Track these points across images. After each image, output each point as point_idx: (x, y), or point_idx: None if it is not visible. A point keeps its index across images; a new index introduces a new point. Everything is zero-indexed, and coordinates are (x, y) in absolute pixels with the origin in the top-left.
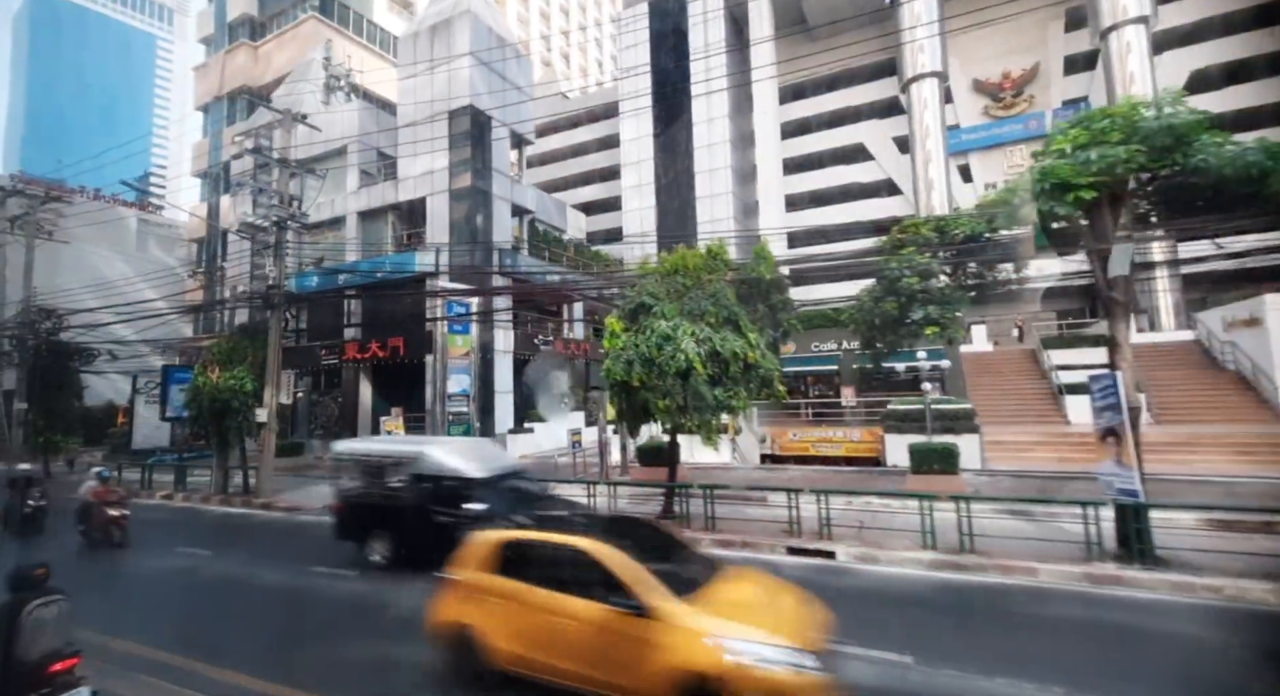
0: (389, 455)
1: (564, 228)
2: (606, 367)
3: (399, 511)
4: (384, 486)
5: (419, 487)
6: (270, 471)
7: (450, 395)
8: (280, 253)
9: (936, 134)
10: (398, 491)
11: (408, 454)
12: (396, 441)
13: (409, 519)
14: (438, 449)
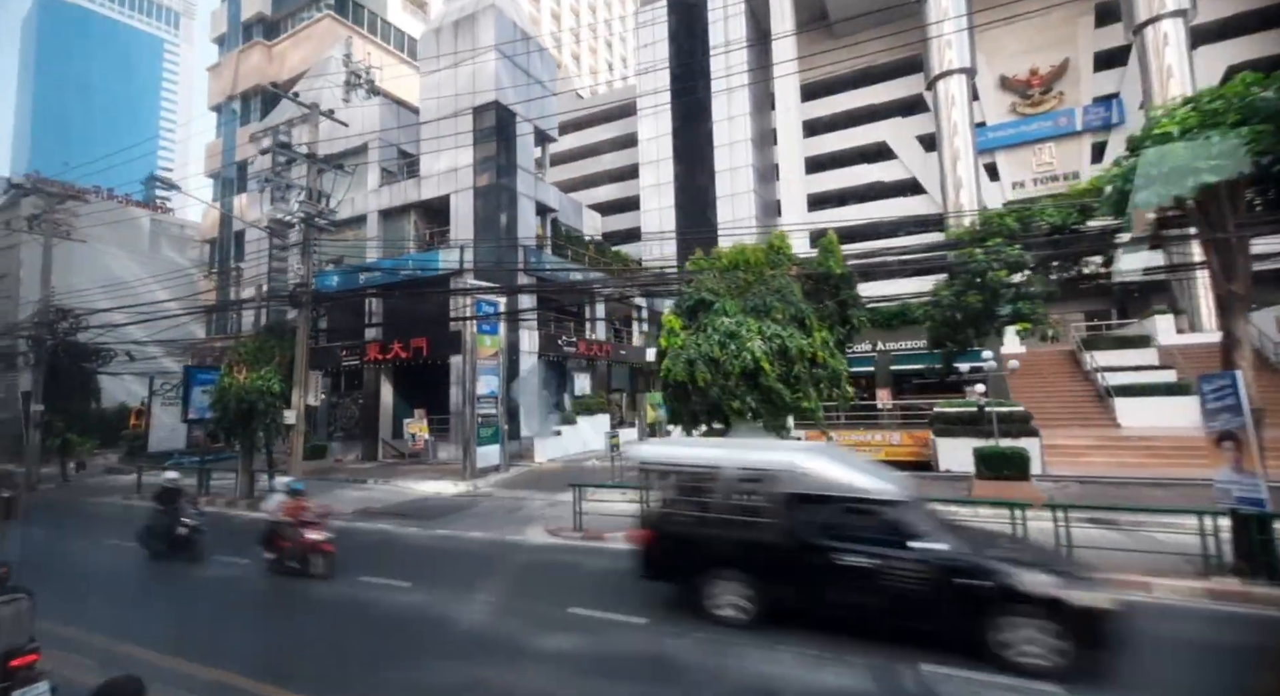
0: (738, 466)
1: (580, 227)
2: (666, 367)
3: (768, 547)
4: (733, 509)
5: (803, 513)
6: (299, 474)
7: (479, 397)
8: (308, 250)
9: (965, 131)
10: (762, 518)
11: (770, 465)
12: (736, 447)
13: (788, 557)
14: (812, 458)
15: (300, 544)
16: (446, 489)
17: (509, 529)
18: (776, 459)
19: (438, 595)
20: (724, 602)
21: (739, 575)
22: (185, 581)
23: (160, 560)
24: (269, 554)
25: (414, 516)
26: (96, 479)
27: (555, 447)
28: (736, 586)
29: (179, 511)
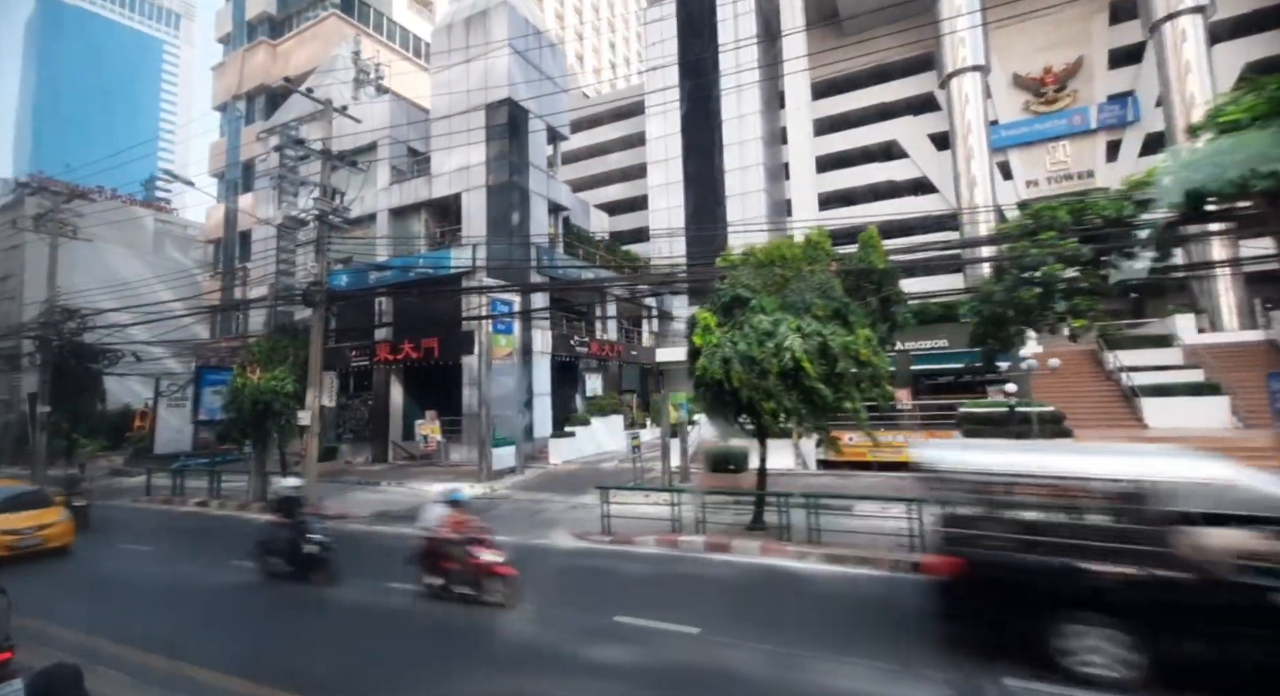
0: (1110, 477)
1: (588, 227)
2: (701, 366)
3: (1160, 584)
4: (1097, 533)
5: (1219, 539)
6: (314, 477)
7: (495, 397)
8: (323, 248)
9: (979, 129)
10: (1146, 545)
11: (1173, 478)
12: (1078, 453)
13: (1197, 598)
14: (1230, 468)
15: (472, 565)
16: (463, 491)
17: (533, 533)
18: (1184, 469)
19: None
20: (1088, 656)
21: (1112, 620)
22: (341, 613)
23: (284, 582)
24: (432, 577)
25: None
26: (103, 481)
27: (570, 449)
28: (1110, 634)
29: (304, 525)
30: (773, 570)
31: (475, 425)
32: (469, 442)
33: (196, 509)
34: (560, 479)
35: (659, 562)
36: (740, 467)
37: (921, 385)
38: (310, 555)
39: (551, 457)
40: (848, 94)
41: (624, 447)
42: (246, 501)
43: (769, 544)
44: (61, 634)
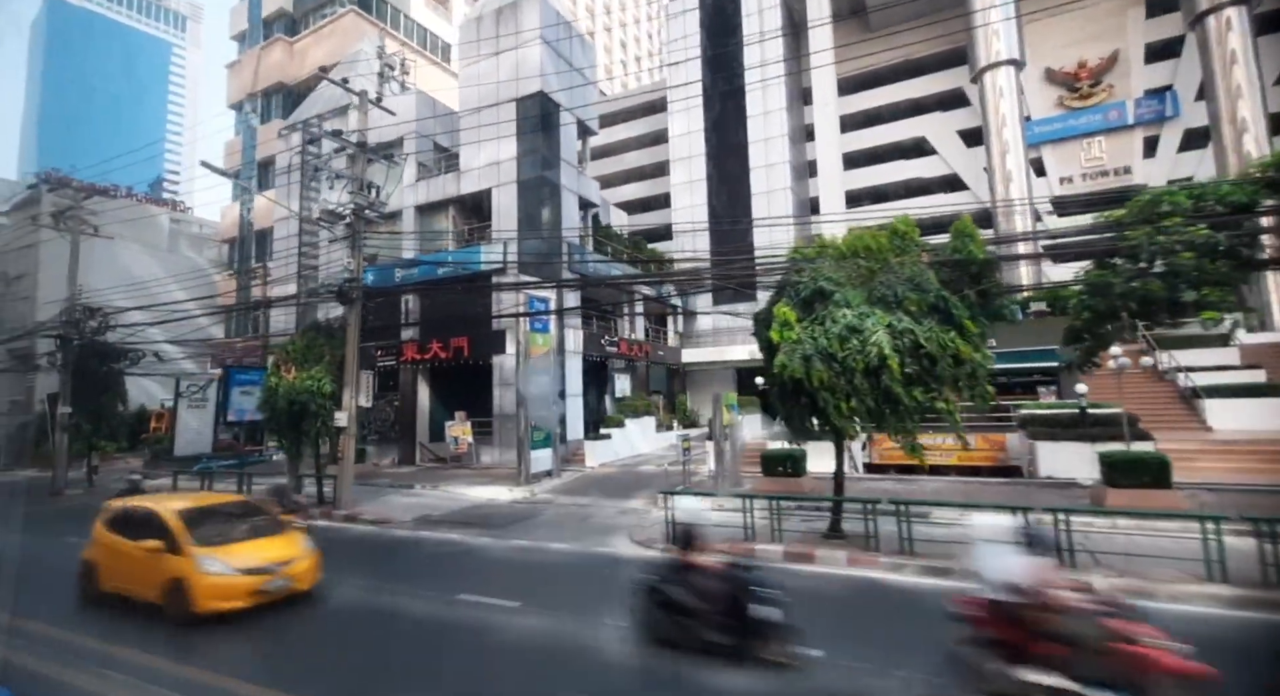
0: None
1: (610, 225)
2: (780, 363)
3: None
4: None
5: None
6: (351, 480)
7: (531, 398)
8: (358, 244)
9: (1014, 124)
10: None
11: None
12: None
13: None
14: None
15: (1125, 657)
16: (501, 495)
17: (590, 540)
18: None
19: (558, 618)
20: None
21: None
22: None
23: (704, 659)
24: (1004, 666)
25: (479, 525)
26: (121, 484)
27: (606, 451)
28: None
29: (748, 579)
30: (871, 584)
31: (507, 426)
32: (500, 444)
33: None
34: (600, 482)
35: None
36: (798, 470)
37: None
38: (762, 623)
39: (588, 460)
40: (875, 90)
41: (657, 450)
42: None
43: (855, 554)
44: None
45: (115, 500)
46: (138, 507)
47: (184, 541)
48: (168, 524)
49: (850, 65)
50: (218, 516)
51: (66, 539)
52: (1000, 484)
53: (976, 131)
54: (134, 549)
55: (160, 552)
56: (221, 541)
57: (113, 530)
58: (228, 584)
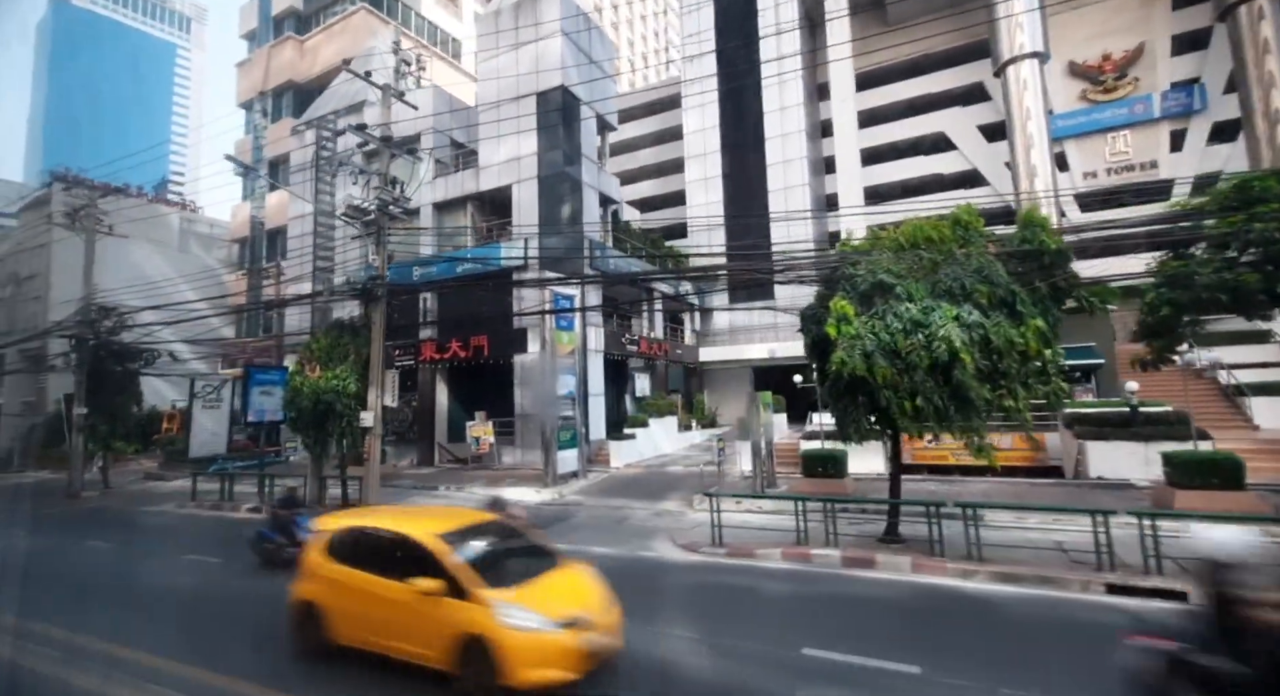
0: None
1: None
2: (838, 360)
3: None
4: None
5: None
6: (377, 481)
7: (560, 397)
8: (383, 240)
9: (1039, 117)
10: None
11: None
12: None
13: None
14: None
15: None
16: (529, 497)
17: (633, 543)
18: None
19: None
20: None
21: None
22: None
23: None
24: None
25: None
26: (137, 486)
27: (630, 452)
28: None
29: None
30: (943, 592)
31: (529, 427)
32: (522, 445)
33: (249, 516)
34: (628, 483)
35: (800, 580)
36: (839, 471)
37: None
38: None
39: (612, 461)
40: (892, 85)
41: (679, 450)
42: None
43: (919, 559)
44: None
45: (279, 511)
46: (377, 531)
47: (470, 582)
48: (439, 556)
49: (867, 60)
50: (485, 542)
51: (89, 542)
52: (1048, 485)
53: (997, 126)
54: (390, 590)
55: (437, 597)
56: (512, 580)
57: (345, 560)
58: (547, 644)
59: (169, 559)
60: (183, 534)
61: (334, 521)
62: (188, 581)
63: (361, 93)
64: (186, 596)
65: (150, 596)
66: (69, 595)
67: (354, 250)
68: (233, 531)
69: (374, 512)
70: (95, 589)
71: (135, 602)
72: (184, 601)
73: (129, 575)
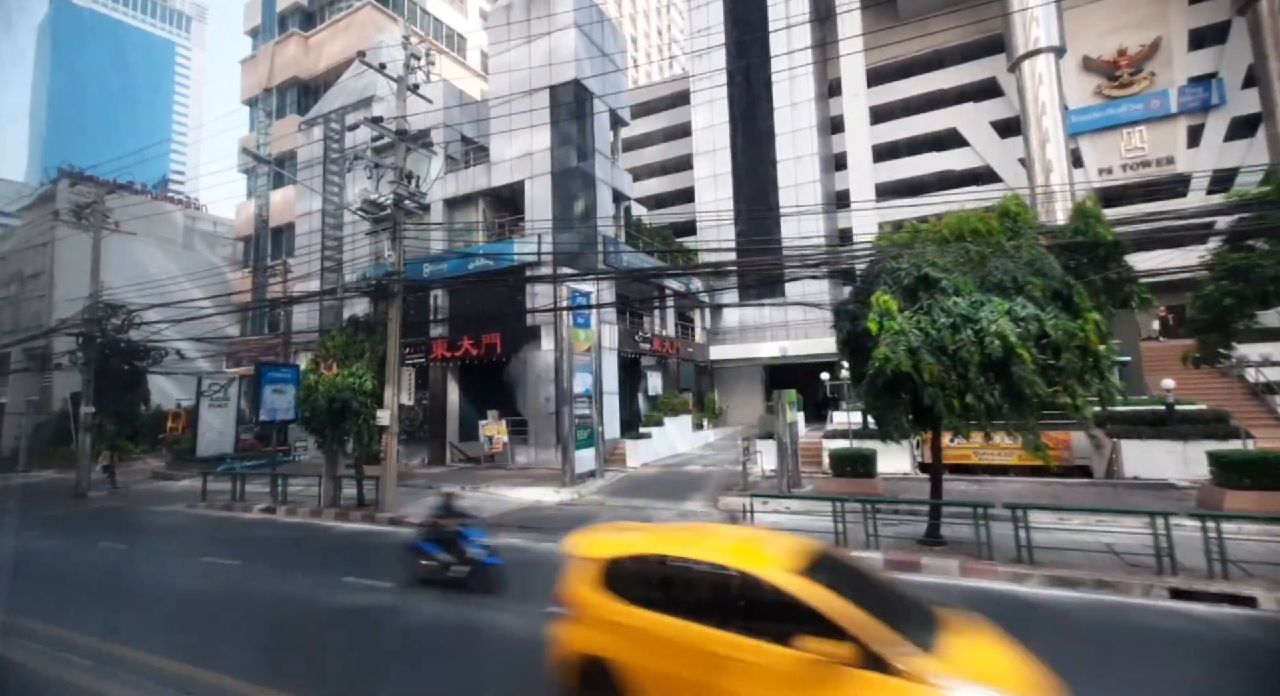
0: None
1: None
2: (880, 356)
3: None
4: None
5: None
6: (394, 481)
7: (577, 396)
8: (399, 235)
9: (1054, 111)
10: None
11: None
12: None
13: None
14: None
15: None
16: (548, 497)
17: None
18: None
19: None
20: None
21: None
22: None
23: None
24: None
25: (538, 529)
26: (144, 486)
27: (646, 451)
28: None
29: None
30: (998, 595)
31: (543, 426)
32: (536, 444)
33: (263, 516)
34: (647, 483)
35: None
36: (869, 471)
37: None
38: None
39: (628, 460)
40: (903, 81)
41: (694, 449)
42: (318, 508)
43: (968, 562)
44: None
45: (441, 521)
46: (687, 562)
47: (889, 646)
48: (820, 606)
49: (878, 55)
50: (851, 582)
51: (101, 543)
52: (1082, 485)
53: (1010, 123)
54: (746, 651)
55: (840, 667)
56: (919, 641)
57: (642, 602)
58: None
59: (187, 560)
60: (194, 534)
61: (598, 544)
62: (204, 584)
63: (370, 88)
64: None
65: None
66: (89, 599)
67: (363, 247)
68: (243, 532)
69: (640, 533)
70: (117, 593)
71: (156, 606)
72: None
73: (146, 576)
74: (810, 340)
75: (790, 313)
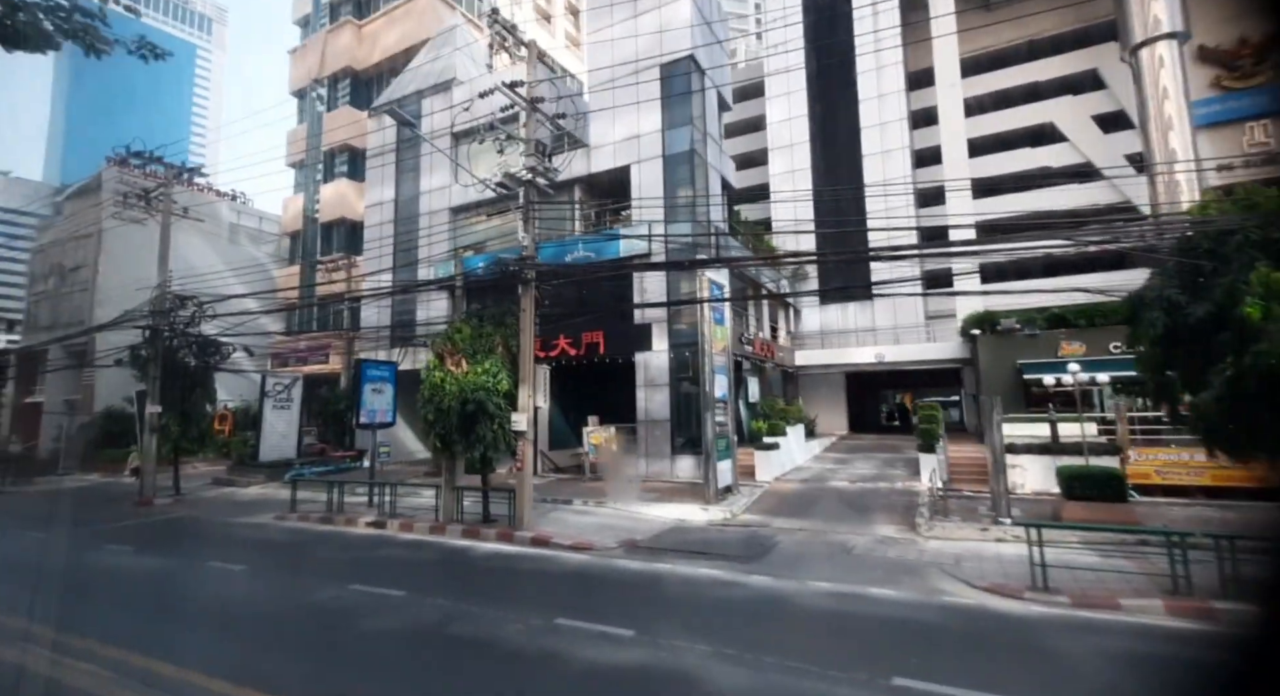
0: None
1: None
2: (1262, 352)
3: None
4: None
5: None
6: (531, 495)
7: (715, 400)
8: (530, 216)
9: (1178, 97)
10: None
11: None
12: None
13: None
14: None
15: None
16: (693, 515)
17: (906, 583)
18: None
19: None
20: None
21: None
22: None
23: None
24: None
25: (710, 555)
26: (209, 492)
27: (775, 463)
28: None
29: None
30: None
31: (653, 434)
32: (647, 454)
33: (372, 531)
34: (797, 501)
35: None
36: (1118, 493)
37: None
38: None
39: (759, 473)
40: (992, 73)
41: (807, 460)
42: (437, 522)
43: None
44: None
45: None
46: None
47: None
48: None
49: (967, 46)
50: None
51: (210, 563)
52: None
53: (1113, 116)
54: None
55: None
56: None
57: None
58: None
59: (335, 588)
60: (310, 553)
61: None
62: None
63: (449, 71)
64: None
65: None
66: (269, 644)
67: (441, 242)
68: (367, 551)
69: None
70: (301, 637)
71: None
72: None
73: (312, 611)
74: (912, 345)
75: (879, 317)
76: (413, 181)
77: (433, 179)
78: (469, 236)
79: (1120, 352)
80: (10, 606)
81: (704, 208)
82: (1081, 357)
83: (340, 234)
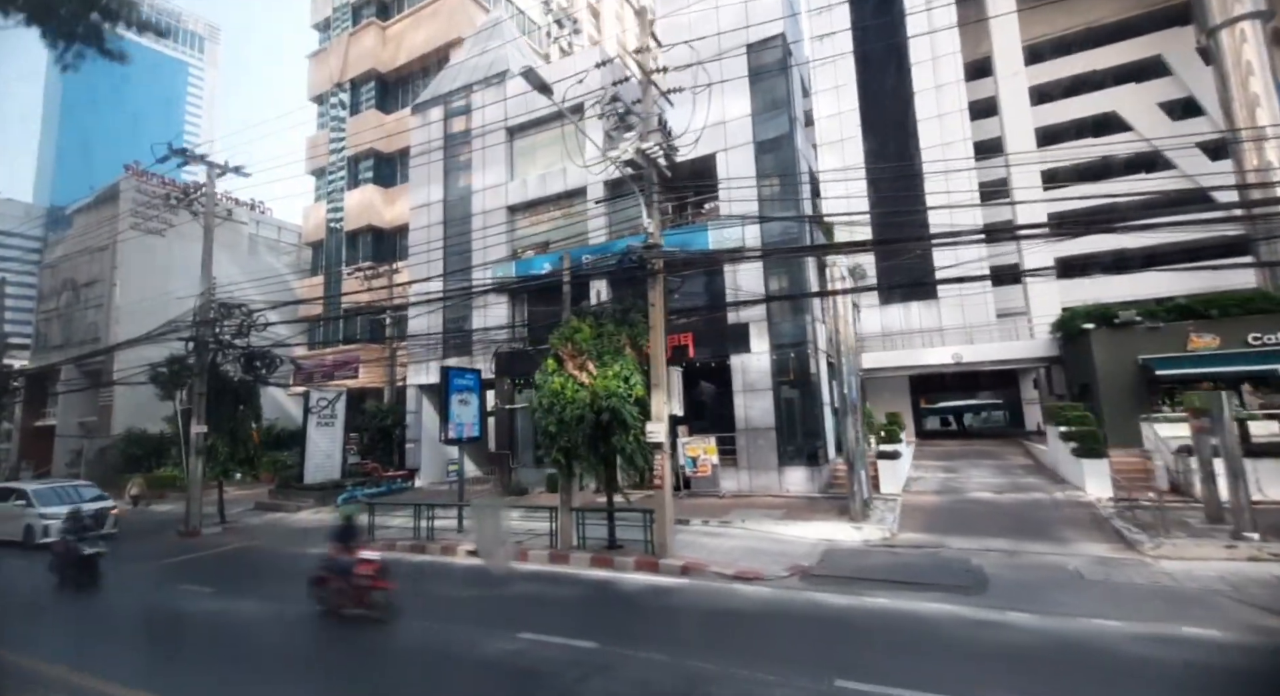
0: None
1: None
2: None
3: None
4: None
5: None
6: (672, 517)
7: (853, 405)
8: (652, 199)
9: (1264, 72)
10: None
11: None
12: None
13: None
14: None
15: None
16: (840, 534)
17: (1205, 617)
18: None
19: None
20: None
21: None
22: None
23: None
24: None
25: (929, 587)
26: (255, 518)
27: (897, 474)
28: None
29: None
30: None
31: (757, 444)
32: (750, 466)
33: (476, 561)
34: (947, 516)
35: None
36: None
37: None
38: None
39: (883, 486)
40: (1051, 62)
41: (914, 471)
42: (557, 550)
43: None
44: None
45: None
46: None
47: None
48: None
49: (1026, 34)
50: None
51: (296, 606)
52: None
53: (1180, 104)
54: None
55: None
56: None
57: None
58: None
59: (500, 640)
60: (426, 591)
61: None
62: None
63: (499, 63)
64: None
65: None
66: None
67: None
68: (489, 589)
69: None
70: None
71: None
72: None
73: (499, 679)
74: (989, 344)
75: (946, 316)
76: (463, 180)
77: (486, 176)
78: (527, 238)
79: (1261, 345)
80: (142, 672)
81: (805, 197)
82: (1216, 351)
83: (366, 243)
